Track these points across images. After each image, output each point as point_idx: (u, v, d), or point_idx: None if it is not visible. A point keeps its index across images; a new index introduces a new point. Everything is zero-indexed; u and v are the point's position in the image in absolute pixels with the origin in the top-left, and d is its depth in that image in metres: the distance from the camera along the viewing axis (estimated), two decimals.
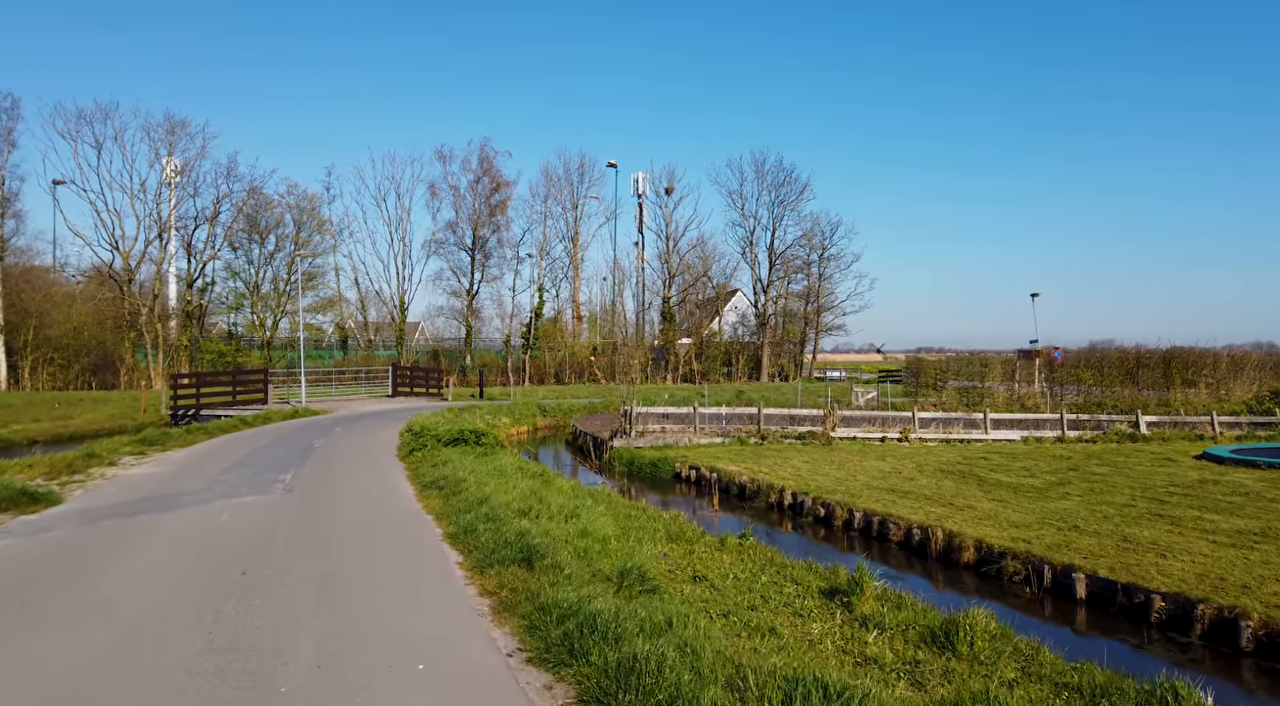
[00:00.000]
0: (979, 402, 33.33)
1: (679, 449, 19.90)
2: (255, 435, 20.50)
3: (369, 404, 32.10)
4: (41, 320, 45.21)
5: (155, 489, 12.05)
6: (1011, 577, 9.52)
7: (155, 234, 46.34)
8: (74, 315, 46.95)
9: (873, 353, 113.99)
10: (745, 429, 20.83)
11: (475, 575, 7.18)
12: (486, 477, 12.12)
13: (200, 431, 20.80)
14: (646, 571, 7.00)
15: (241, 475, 13.48)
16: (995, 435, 20.66)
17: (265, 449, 17.31)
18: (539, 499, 10.40)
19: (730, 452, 19.08)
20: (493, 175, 56.19)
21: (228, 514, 10.06)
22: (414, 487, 12.16)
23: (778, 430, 20.77)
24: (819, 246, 64.95)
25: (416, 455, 15.25)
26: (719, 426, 21.08)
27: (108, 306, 48.40)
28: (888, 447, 19.62)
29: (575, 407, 32.54)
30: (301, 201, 52.41)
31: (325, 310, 55.74)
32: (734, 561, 8.64)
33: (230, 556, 7.81)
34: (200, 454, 16.66)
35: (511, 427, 27.67)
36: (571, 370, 59.69)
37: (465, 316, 57.04)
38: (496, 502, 9.88)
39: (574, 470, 20.62)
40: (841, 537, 12.32)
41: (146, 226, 46.30)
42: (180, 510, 10.32)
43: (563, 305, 64.00)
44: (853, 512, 12.43)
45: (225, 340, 51.07)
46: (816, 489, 14.19)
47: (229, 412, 28.86)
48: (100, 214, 44.98)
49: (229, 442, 18.82)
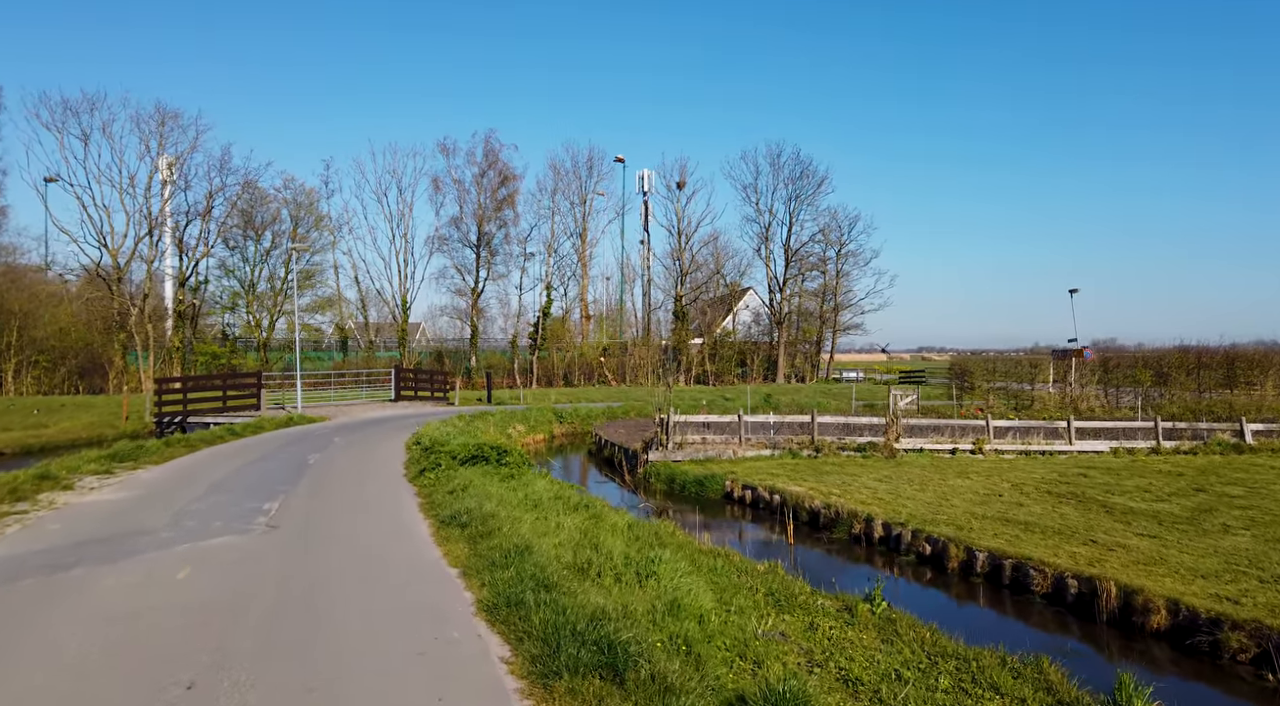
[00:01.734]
0: (1029, 407, 30.93)
1: (723, 463, 17.51)
2: (243, 448, 18.12)
3: (370, 409, 29.73)
4: (26, 321, 42.84)
5: (107, 525, 9.66)
6: (1235, 655, 7.11)
7: (145, 230, 43.96)
8: (61, 316, 44.61)
9: (877, 353, 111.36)
10: (797, 440, 18.43)
11: (539, 693, 4.77)
12: (520, 510, 9.72)
13: (182, 444, 18.42)
14: (793, 689, 4.60)
15: (218, 503, 11.09)
16: (1080, 445, 18.23)
17: (252, 466, 14.93)
18: (593, 544, 8.01)
19: (784, 468, 16.69)
20: (499, 168, 53.82)
21: (189, 567, 7.67)
22: (429, 523, 9.77)
23: (833, 440, 18.36)
24: (836, 242, 62.50)
25: (429, 476, 12.85)
26: (766, 436, 18.68)
27: (96, 306, 46.05)
28: (963, 461, 17.22)
29: (593, 413, 30.13)
30: (299, 196, 50.07)
31: (324, 310, 53.35)
32: (880, 645, 6.25)
33: (175, 649, 5.42)
34: (175, 473, 14.28)
35: (527, 436, 25.29)
36: (581, 371, 57.28)
37: (470, 316, 54.62)
38: (542, 553, 7.49)
39: (617, 490, 18.23)
40: (958, 584, 9.92)
41: (136, 222, 43.95)
42: (128, 560, 7.93)
43: (571, 304, 61.60)
44: (972, 553, 10.01)
45: (220, 342, 48.67)
46: (909, 516, 11.79)
47: (219, 420, 26.51)
48: (88, 209, 42.57)
49: (212, 457, 16.44)
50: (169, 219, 45.14)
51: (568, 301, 60.99)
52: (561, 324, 59.73)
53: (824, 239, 62.11)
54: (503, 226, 54.89)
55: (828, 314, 64.61)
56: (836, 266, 63.42)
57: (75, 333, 44.47)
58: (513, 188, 54.56)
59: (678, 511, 15.12)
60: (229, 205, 46.66)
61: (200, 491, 12.11)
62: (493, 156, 53.64)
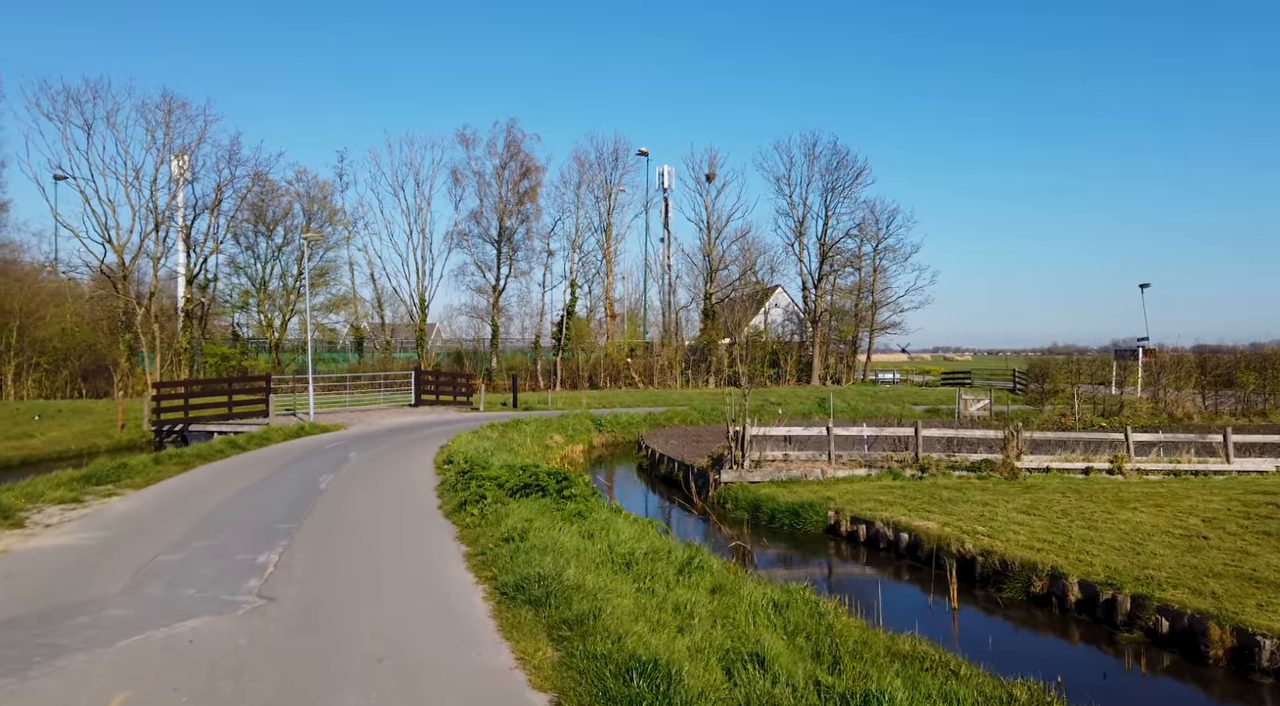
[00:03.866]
0: (1117, 412, 27.86)
1: (810, 485, 14.65)
2: (245, 465, 15.46)
3: (389, 416, 27.06)
4: (27, 321, 40.56)
5: (40, 593, 6.95)
6: None
7: (152, 226, 41.52)
8: (63, 315, 42.31)
9: (896, 353, 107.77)
10: (898, 456, 15.53)
11: None
12: (610, 576, 6.92)
13: (174, 460, 15.76)
14: None
15: (199, 554, 8.36)
16: (1239, 464, 15.22)
17: (251, 493, 12.22)
18: (747, 650, 5.18)
19: (890, 492, 13.80)
20: (521, 160, 51.10)
21: (129, 690, 4.92)
22: (484, 591, 6.99)
23: (939, 457, 15.44)
24: (874, 236, 59.32)
25: (471, 512, 10.08)
26: (859, 452, 15.80)
27: (100, 305, 43.75)
28: (1104, 485, 14.25)
29: (634, 420, 27.27)
30: (312, 189, 47.49)
31: (338, 309, 50.81)
32: None
33: None
34: (157, 502, 11.60)
35: (565, 447, 22.51)
36: (606, 373, 54.48)
37: (491, 315, 51.95)
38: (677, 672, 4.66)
39: (688, 519, 15.46)
40: (1228, 681, 7.01)
41: (142, 217, 41.53)
42: (42, 668, 5.19)
43: (595, 303, 58.76)
44: (1249, 636, 7.09)
45: (230, 342, 46.23)
46: (1105, 570, 8.89)
47: (223, 429, 23.91)
48: (91, 204, 40.20)
49: (206, 479, 13.77)
50: (177, 212, 42.74)
51: (592, 299, 58.24)
52: (586, 323, 56.98)
53: (860, 233, 59.01)
54: (525, 221, 52.25)
55: (864, 312, 61.48)
56: (873, 262, 60.34)
57: (79, 333, 42.17)
58: (535, 180, 51.91)
59: (771, 548, 12.27)
60: (239, 198, 44.22)
61: (180, 533, 9.39)
62: (514, 147, 51.00)
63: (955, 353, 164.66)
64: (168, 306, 45.22)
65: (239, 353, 44.82)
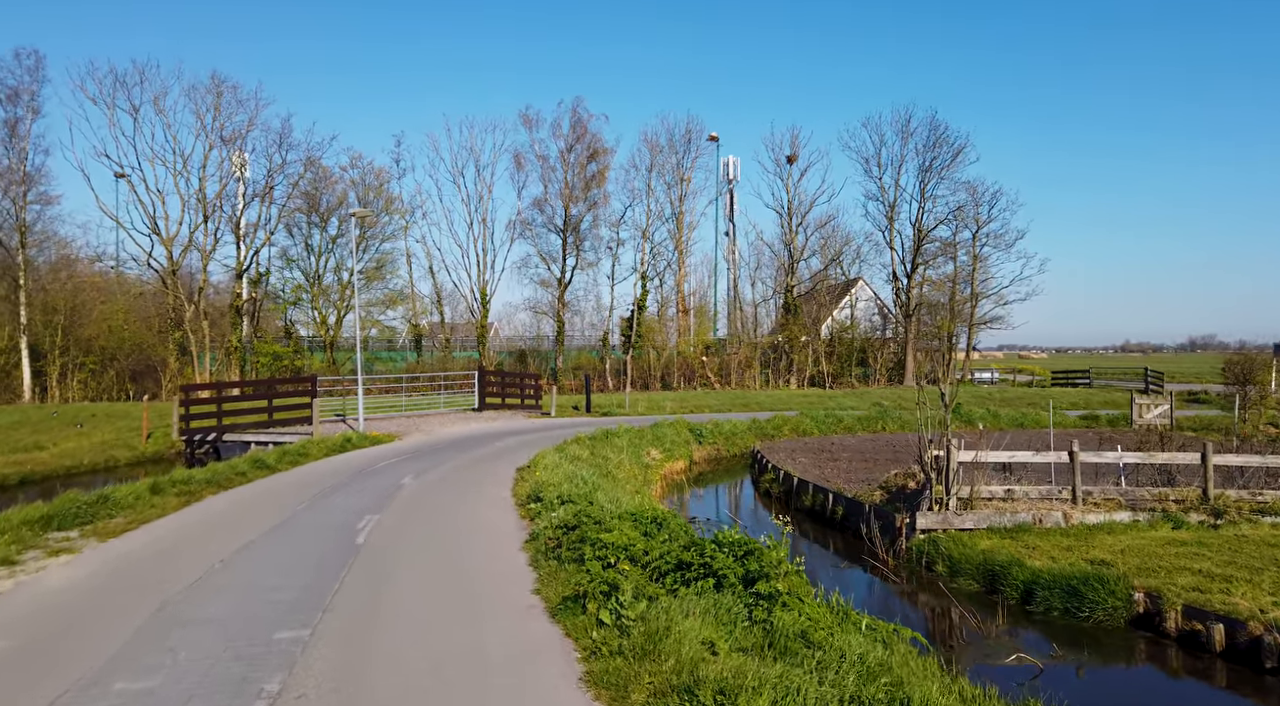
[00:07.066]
0: None
1: (1052, 534, 10.01)
2: (264, 497, 11.59)
3: (451, 422, 23.23)
4: (72, 319, 38.37)
5: None
6: None
7: (201, 217, 38.81)
8: (111, 312, 40.05)
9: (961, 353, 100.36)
10: (1174, 494, 10.75)
11: None
12: None
13: (177, 489, 11.93)
14: None
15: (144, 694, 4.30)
16: None
17: (263, 549, 8.21)
18: None
19: (1193, 553, 9.08)
20: (588, 141, 47.01)
21: None
22: None
23: (1241, 496, 10.63)
24: (973, 221, 53.37)
25: (600, 619, 5.82)
26: (1112, 486, 11.08)
27: (149, 302, 41.39)
28: None
29: (738, 430, 22.78)
30: (367, 176, 44.30)
31: (395, 304, 47.54)
32: None
33: None
34: (125, 566, 7.71)
35: (665, 464, 18.22)
36: (680, 372, 50.12)
37: (557, 310, 48.05)
38: None
39: (872, 582, 11.05)
40: None
41: (192, 208, 38.85)
42: None
43: (666, 297, 54.32)
44: None
45: (282, 340, 43.38)
46: None
47: (260, 439, 20.41)
48: (138, 192, 37.60)
49: (206, 520, 9.90)
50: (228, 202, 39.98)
51: (663, 293, 53.84)
52: (658, 319, 52.70)
53: (956, 218, 53.18)
54: (592, 207, 48.14)
55: (961, 304, 55.60)
56: (973, 249, 54.39)
57: (127, 331, 39.84)
58: (604, 163, 47.73)
59: (1068, 658, 7.69)
60: (290, 186, 41.22)
61: (129, 631, 5.39)
62: (580, 128, 46.93)
63: (1025, 351, 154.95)
64: (219, 303, 42.67)
65: (292, 351, 41.92)
